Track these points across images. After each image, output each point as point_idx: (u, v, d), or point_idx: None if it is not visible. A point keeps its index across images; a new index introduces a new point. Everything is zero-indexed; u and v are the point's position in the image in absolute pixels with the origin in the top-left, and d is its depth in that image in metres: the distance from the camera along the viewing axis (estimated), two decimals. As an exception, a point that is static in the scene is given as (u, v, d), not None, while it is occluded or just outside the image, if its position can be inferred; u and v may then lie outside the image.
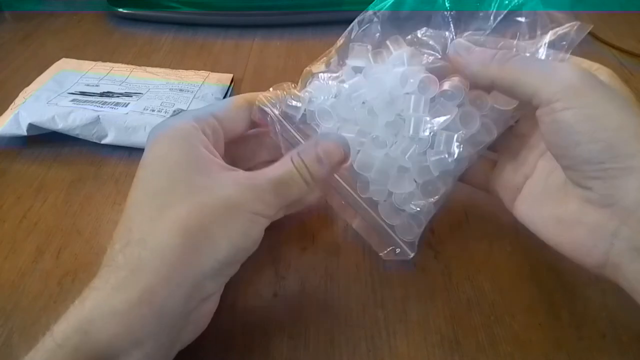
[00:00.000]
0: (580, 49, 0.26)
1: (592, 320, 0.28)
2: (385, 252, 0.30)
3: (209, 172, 0.25)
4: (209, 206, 0.23)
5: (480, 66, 0.26)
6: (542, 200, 0.27)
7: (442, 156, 0.28)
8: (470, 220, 0.34)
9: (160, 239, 0.22)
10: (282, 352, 0.27)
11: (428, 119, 0.28)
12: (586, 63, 0.27)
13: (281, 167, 0.26)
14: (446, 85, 0.28)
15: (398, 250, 0.29)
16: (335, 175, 0.29)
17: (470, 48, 0.27)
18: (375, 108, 0.29)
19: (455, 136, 0.28)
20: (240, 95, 0.30)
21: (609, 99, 0.23)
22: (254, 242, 0.25)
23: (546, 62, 0.26)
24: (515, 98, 0.27)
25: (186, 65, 0.50)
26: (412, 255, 0.29)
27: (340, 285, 0.30)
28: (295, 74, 0.31)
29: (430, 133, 0.28)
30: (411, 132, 0.28)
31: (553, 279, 0.30)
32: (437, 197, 0.29)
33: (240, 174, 0.25)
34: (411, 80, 0.28)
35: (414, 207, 0.29)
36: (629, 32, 0.55)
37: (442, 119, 0.28)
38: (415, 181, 0.29)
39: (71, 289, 0.30)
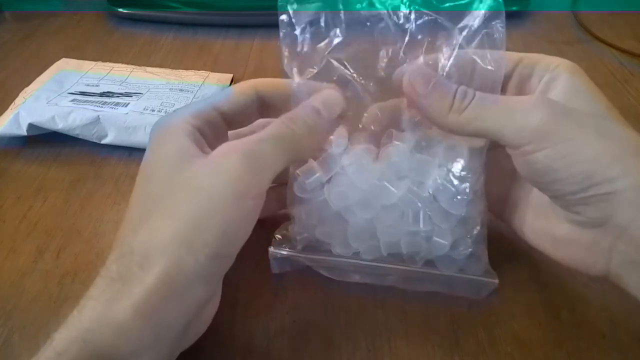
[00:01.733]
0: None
1: (592, 320, 0.28)
2: (479, 295, 0.28)
3: (196, 173, 0.23)
4: (189, 211, 0.22)
5: (439, 117, 0.25)
6: (532, 214, 0.27)
7: (456, 198, 0.27)
8: (470, 220, 0.34)
9: (146, 250, 0.22)
10: (283, 352, 0.27)
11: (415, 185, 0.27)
12: (545, 59, 0.26)
13: (273, 126, 0.24)
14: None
15: (489, 289, 0.28)
16: (387, 264, 0.28)
17: (429, 81, 0.25)
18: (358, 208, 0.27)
19: (446, 173, 0.27)
20: (245, 81, 0.29)
21: (579, 126, 0.23)
22: (238, 235, 0.23)
23: (506, 102, 0.24)
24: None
25: (186, 65, 0.50)
26: (496, 281, 0.27)
27: (340, 285, 0.30)
28: (295, 74, 0.31)
29: (428, 193, 0.27)
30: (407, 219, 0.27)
31: (553, 279, 0.30)
32: (478, 224, 0.27)
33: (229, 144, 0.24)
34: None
35: (467, 249, 0.27)
36: (629, 32, 0.55)
37: (427, 174, 0.27)
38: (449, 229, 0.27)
39: (71, 289, 0.30)
